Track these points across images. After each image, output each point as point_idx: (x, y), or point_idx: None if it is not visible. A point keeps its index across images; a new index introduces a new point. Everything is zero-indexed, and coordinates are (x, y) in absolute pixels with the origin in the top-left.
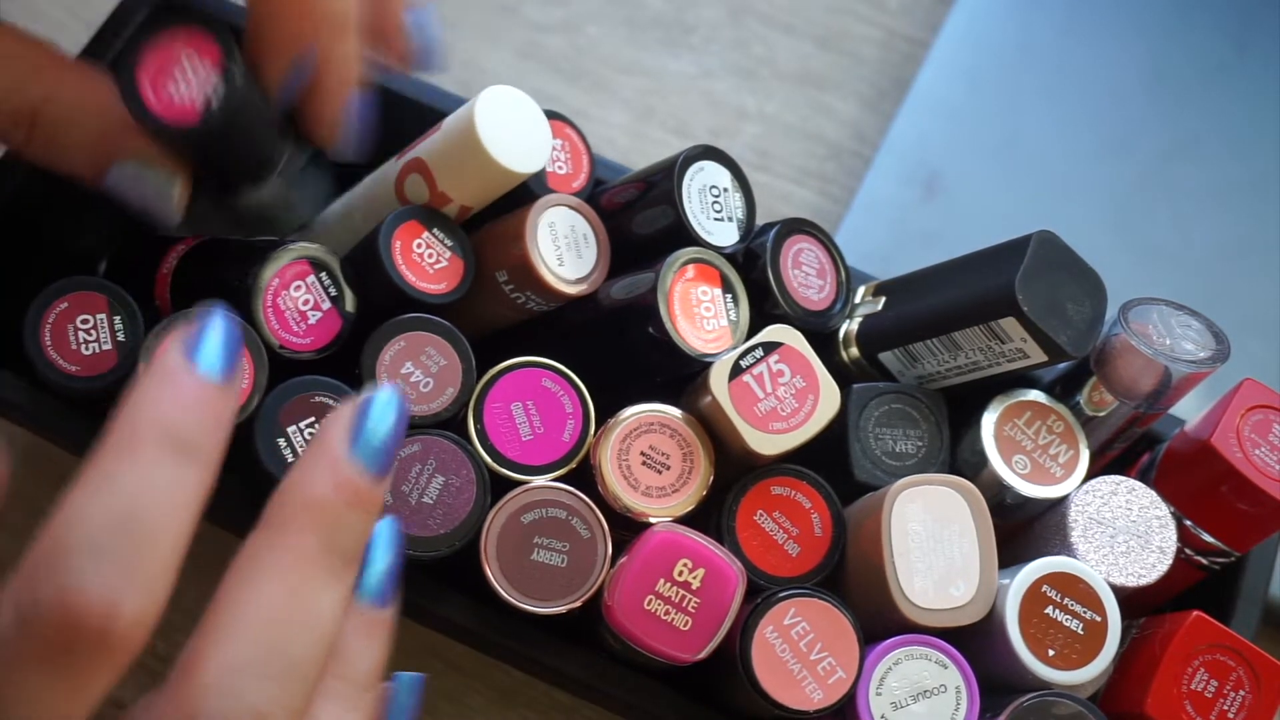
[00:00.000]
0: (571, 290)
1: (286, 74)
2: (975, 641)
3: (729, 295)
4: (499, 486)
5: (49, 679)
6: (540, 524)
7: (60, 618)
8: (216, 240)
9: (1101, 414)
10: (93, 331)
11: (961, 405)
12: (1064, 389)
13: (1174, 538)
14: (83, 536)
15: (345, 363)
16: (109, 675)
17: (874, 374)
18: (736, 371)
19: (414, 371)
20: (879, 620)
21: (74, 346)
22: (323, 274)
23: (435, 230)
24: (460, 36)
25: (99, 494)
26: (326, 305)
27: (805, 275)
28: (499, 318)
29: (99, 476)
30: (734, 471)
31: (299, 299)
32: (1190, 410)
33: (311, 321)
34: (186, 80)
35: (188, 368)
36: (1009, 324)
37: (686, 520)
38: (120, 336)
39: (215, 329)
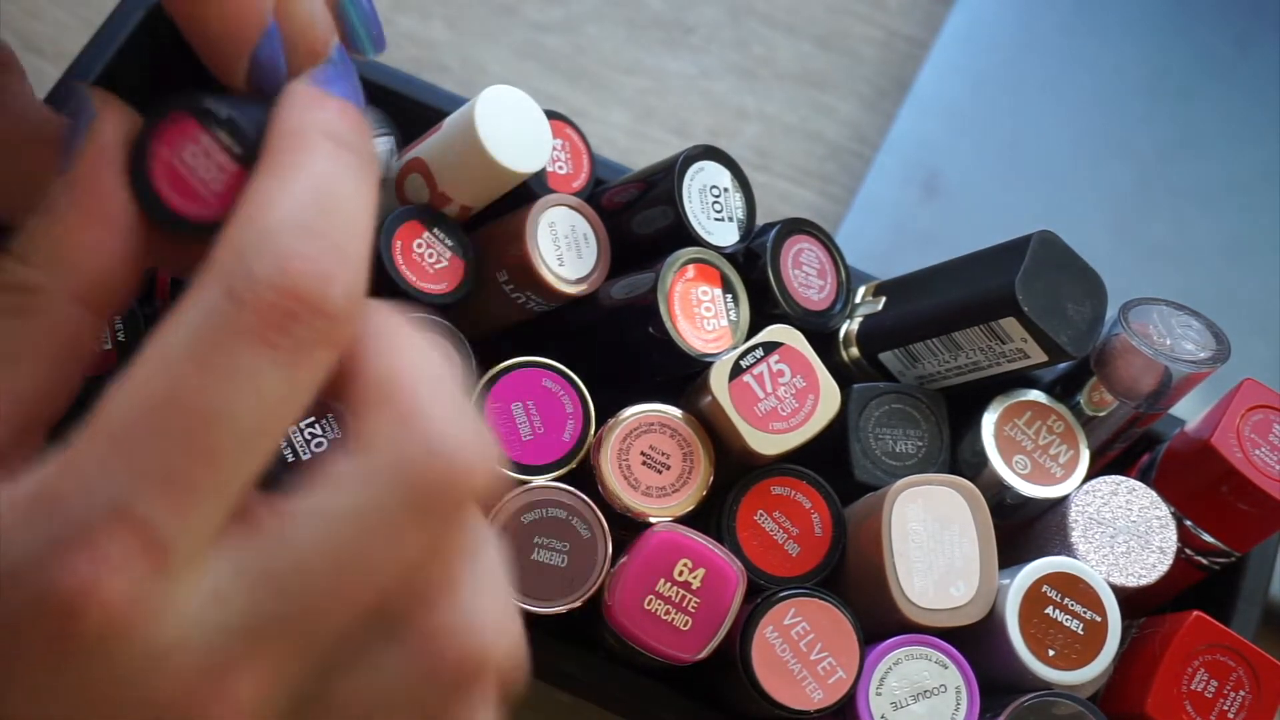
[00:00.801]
0: (571, 290)
1: (254, 69)
2: (975, 641)
3: (729, 295)
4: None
5: (267, 358)
6: (540, 524)
7: (280, 287)
8: None
9: (1102, 414)
10: None
11: (962, 405)
12: (1064, 389)
13: (1174, 538)
14: (286, 215)
15: None
16: (327, 356)
17: (874, 374)
18: (737, 371)
19: None
20: (879, 620)
21: None
22: (436, 229)
23: (435, 230)
24: (460, 36)
25: (289, 179)
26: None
27: (805, 275)
28: (499, 318)
29: (284, 166)
30: (734, 471)
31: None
32: (1190, 410)
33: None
34: (203, 167)
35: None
36: (1009, 324)
37: (686, 520)
38: (120, 336)
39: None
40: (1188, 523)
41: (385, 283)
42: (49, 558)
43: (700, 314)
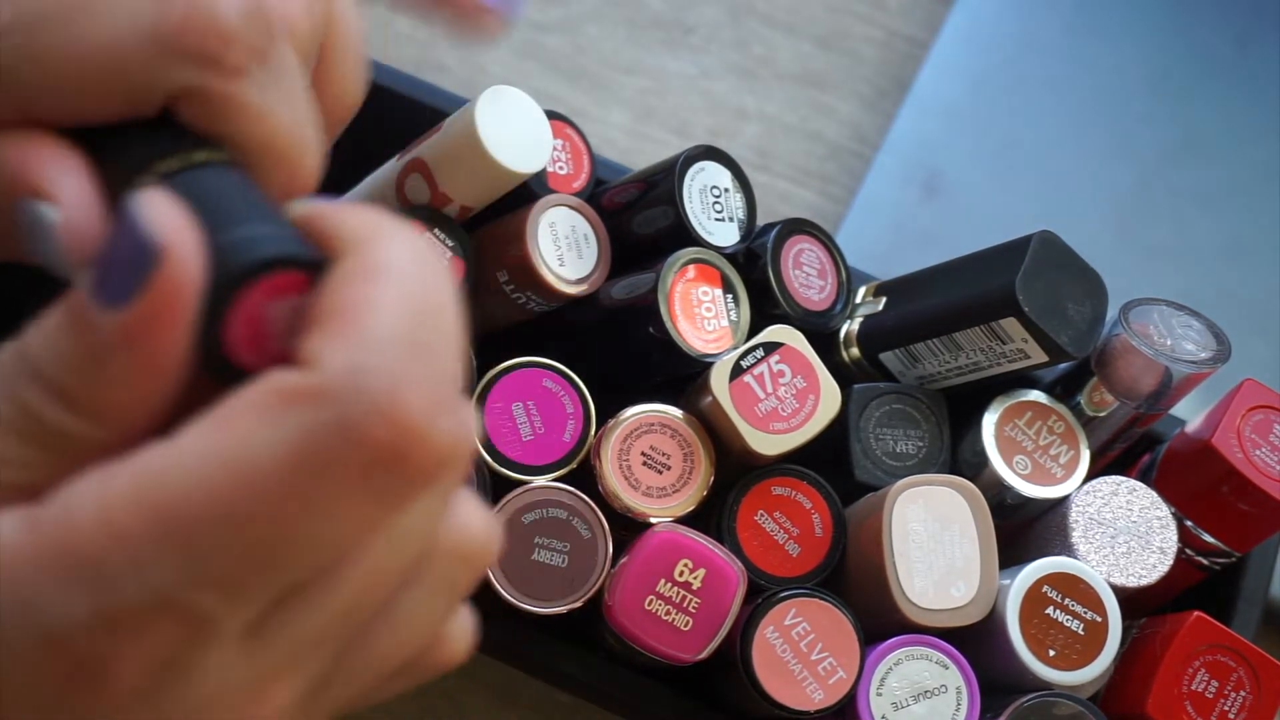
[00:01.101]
0: (572, 290)
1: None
2: (976, 642)
3: (730, 295)
4: (500, 486)
5: (367, 500)
6: (541, 524)
7: (394, 420)
8: None
9: (1102, 414)
10: None
11: (962, 405)
12: (1065, 389)
13: (1174, 538)
14: (391, 327)
15: None
16: (426, 500)
17: (875, 374)
18: (737, 372)
19: None
20: (879, 620)
21: None
22: None
23: (436, 230)
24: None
25: (384, 280)
26: None
27: (806, 275)
28: (499, 318)
29: (373, 265)
30: (735, 471)
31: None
32: (1191, 411)
33: None
34: (285, 319)
35: None
36: (1010, 324)
37: (687, 520)
38: None
39: None
40: (1188, 523)
41: None
42: (95, 629)
43: (701, 314)
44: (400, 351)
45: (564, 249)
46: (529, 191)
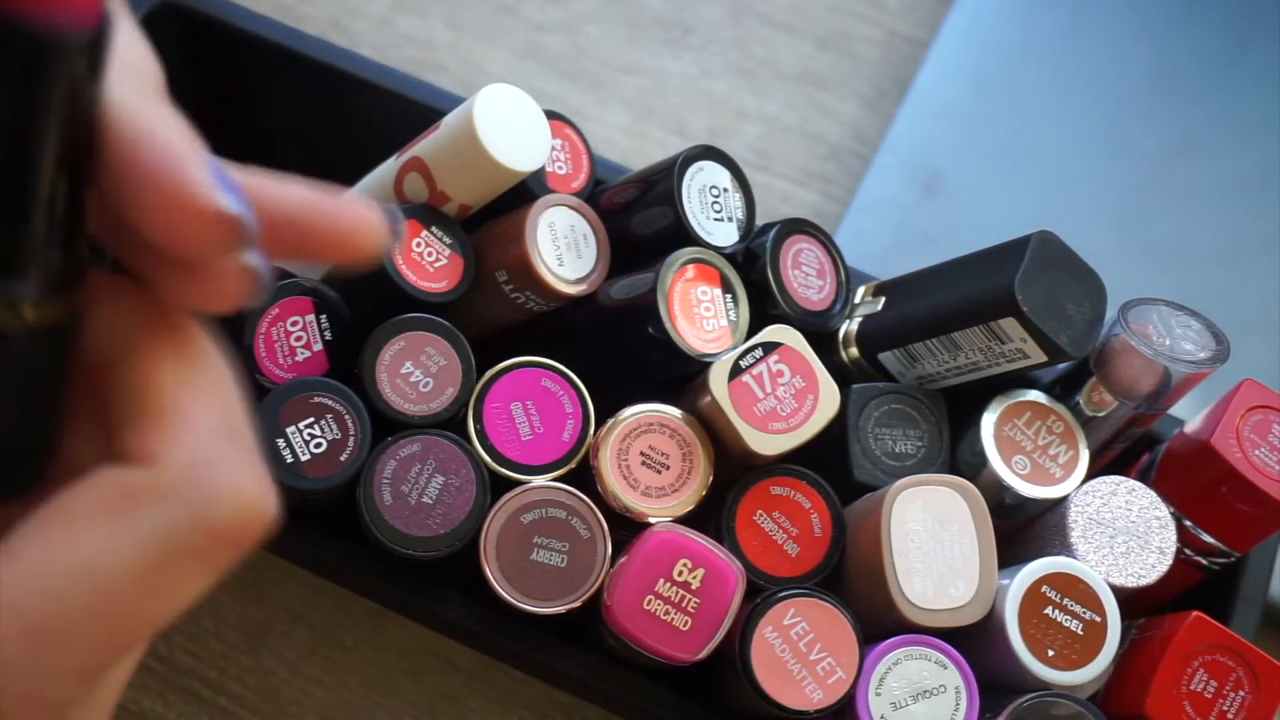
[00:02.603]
0: (571, 290)
1: None
2: (975, 642)
3: (729, 295)
4: (499, 486)
5: (209, 575)
6: (540, 524)
7: (240, 507)
8: None
9: (1101, 414)
10: None
11: (961, 405)
12: (1064, 389)
13: (1174, 538)
14: (217, 424)
15: (346, 362)
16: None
17: (874, 374)
18: (736, 371)
19: (414, 371)
20: (879, 620)
21: None
22: (323, 316)
23: (434, 229)
24: (460, 36)
25: (201, 383)
26: (318, 346)
27: (805, 275)
28: (499, 318)
29: (190, 367)
30: (734, 471)
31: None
32: (1190, 411)
33: (299, 359)
34: None
35: None
36: (1009, 324)
37: (686, 520)
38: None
39: None
40: (1187, 523)
41: (385, 282)
42: None
43: (700, 314)
44: (225, 441)
45: (563, 249)
46: (528, 191)
